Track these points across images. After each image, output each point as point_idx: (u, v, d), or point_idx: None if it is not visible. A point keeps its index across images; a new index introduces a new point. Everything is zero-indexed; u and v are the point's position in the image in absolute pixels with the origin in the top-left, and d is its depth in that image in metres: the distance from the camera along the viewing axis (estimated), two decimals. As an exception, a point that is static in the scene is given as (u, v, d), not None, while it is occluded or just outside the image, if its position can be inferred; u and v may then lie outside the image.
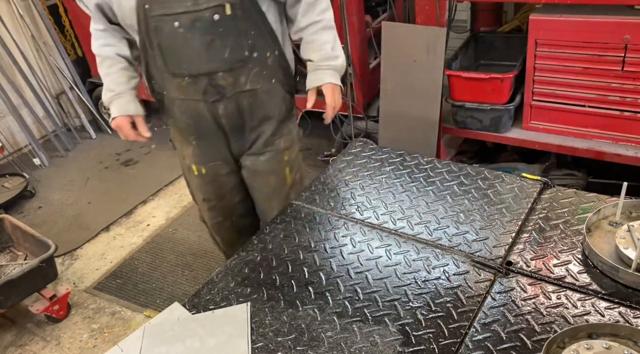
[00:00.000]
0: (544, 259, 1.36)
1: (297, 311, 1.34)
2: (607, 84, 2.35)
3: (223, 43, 1.68)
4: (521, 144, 2.70)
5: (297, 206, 1.73)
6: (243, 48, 1.71)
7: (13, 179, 3.86)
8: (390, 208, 1.64)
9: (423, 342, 1.20)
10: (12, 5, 4.08)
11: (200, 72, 1.74)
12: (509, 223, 1.50)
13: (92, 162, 4.18)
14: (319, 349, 1.23)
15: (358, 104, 3.39)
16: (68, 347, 2.60)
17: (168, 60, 1.74)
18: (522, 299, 1.26)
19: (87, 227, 3.45)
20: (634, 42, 2.19)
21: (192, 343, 1.30)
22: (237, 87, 1.79)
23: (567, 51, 2.36)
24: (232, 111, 1.85)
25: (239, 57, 1.73)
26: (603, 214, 1.43)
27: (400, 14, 3.41)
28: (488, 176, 1.71)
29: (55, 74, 4.46)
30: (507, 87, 2.58)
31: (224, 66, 1.73)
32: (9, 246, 2.97)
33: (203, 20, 1.63)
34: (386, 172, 1.81)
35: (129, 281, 2.95)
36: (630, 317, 1.17)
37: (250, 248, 1.58)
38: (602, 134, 2.50)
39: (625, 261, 1.28)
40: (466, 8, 3.34)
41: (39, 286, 2.63)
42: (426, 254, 1.44)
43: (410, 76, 2.74)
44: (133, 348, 1.33)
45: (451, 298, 1.30)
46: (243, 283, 1.46)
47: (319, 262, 1.48)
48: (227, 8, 1.62)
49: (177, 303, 1.43)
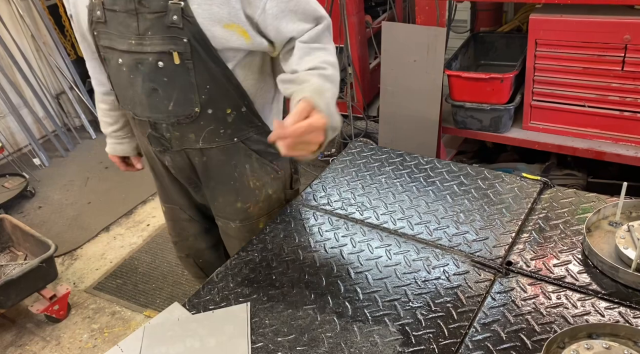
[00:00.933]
0: (544, 259, 1.36)
1: (297, 311, 1.34)
2: (607, 84, 2.35)
3: (167, 94, 1.42)
4: (521, 144, 2.70)
5: (297, 206, 1.73)
6: (193, 103, 1.43)
7: (13, 179, 3.86)
8: (390, 208, 1.64)
9: (423, 342, 1.20)
10: (12, 5, 4.08)
11: (142, 117, 1.52)
12: (509, 223, 1.50)
13: (92, 162, 4.18)
14: (319, 349, 1.23)
15: (358, 104, 3.39)
16: (68, 347, 2.60)
17: (117, 95, 1.57)
18: (522, 299, 1.26)
19: (87, 227, 3.45)
20: (634, 42, 2.19)
21: (192, 343, 1.30)
22: (185, 143, 1.54)
23: (567, 51, 2.36)
24: (181, 166, 1.63)
25: (187, 113, 1.45)
26: (603, 214, 1.43)
27: (400, 14, 3.41)
28: (488, 176, 1.71)
29: (55, 74, 4.47)
30: (507, 87, 2.58)
31: (167, 119, 1.48)
32: (9, 246, 2.98)
33: (145, 65, 1.38)
34: (386, 172, 1.81)
35: (129, 281, 2.95)
36: (630, 317, 1.17)
37: (250, 248, 1.58)
38: (602, 134, 2.50)
39: (625, 261, 1.28)
40: (466, 8, 3.33)
41: (39, 286, 2.63)
42: (426, 254, 1.44)
43: (410, 76, 2.74)
44: (133, 348, 1.33)
45: (451, 298, 1.30)
46: (243, 283, 1.46)
47: (319, 262, 1.48)
48: (175, 56, 1.34)
49: (177, 303, 1.43)
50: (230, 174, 1.62)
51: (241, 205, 1.69)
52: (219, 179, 1.64)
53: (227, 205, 1.71)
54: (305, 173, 3.59)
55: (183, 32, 1.32)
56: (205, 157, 1.58)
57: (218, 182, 1.65)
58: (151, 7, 1.32)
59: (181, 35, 1.32)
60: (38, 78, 4.28)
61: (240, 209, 1.70)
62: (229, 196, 1.68)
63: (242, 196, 1.68)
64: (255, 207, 1.71)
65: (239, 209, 1.70)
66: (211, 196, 1.72)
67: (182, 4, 1.30)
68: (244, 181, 1.65)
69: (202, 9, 1.31)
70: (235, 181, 1.64)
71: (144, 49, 1.36)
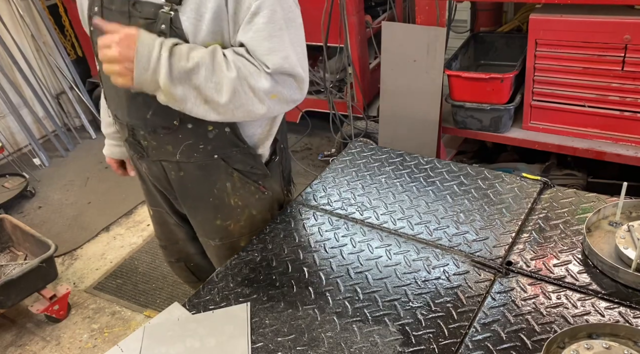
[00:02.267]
0: (544, 259, 1.36)
1: (297, 311, 1.34)
2: (607, 84, 2.35)
3: (146, 102, 1.39)
4: (521, 144, 2.70)
5: (297, 206, 1.73)
6: (172, 115, 1.39)
7: (13, 179, 3.86)
8: (391, 208, 1.64)
9: (423, 342, 1.20)
10: (12, 5, 4.08)
11: (122, 121, 1.51)
12: (509, 223, 1.50)
13: (92, 162, 4.18)
14: (319, 349, 1.23)
15: (358, 104, 3.39)
16: (68, 347, 2.60)
17: (104, 93, 1.54)
18: (522, 299, 1.26)
19: (87, 227, 3.45)
20: (634, 42, 2.18)
21: (192, 343, 1.30)
22: (162, 154, 1.50)
23: (567, 51, 2.36)
24: (158, 176, 1.59)
25: (165, 124, 1.43)
26: (603, 214, 1.43)
27: (400, 14, 3.41)
28: (488, 176, 1.71)
29: (55, 74, 4.47)
30: (507, 87, 2.58)
31: (144, 127, 1.46)
32: (9, 246, 2.98)
33: None
34: (386, 172, 1.81)
35: (129, 281, 2.95)
36: (630, 317, 1.17)
37: (250, 248, 1.58)
38: (602, 134, 2.50)
39: (625, 261, 1.28)
40: (466, 8, 3.34)
41: (39, 286, 2.63)
42: (426, 254, 1.44)
43: (410, 76, 2.74)
44: (133, 348, 1.33)
45: (451, 298, 1.30)
46: (243, 283, 1.46)
47: (319, 263, 1.48)
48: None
49: (177, 303, 1.43)
50: (209, 190, 1.56)
51: (221, 222, 1.63)
52: (197, 197, 1.58)
53: (206, 223, 1.65)
54: (305, 173, 3.59)
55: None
56: (182, 173, 1.54)
57: (195, 199, 1.60)
58: (143, 12, 1.32)
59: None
60: (38, 78, 4.28)
61: (220, 227, 1.64)
62: (208, 213, 1.62)
63: (222, 214, 1.61)
64: (236, 226, 1.64)
65: (219, 227, 1.64)
66: (189, 213, 1.68)
67: (172, 15, 1.29)
68: (223, 198, 1.58)
69: (189, 23, 1.29)
70: (215, 198, 1.57)
71: None
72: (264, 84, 1.29)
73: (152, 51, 1.23)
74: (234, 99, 1.28)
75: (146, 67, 1.23)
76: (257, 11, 1.25)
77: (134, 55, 1.21)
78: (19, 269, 2.54)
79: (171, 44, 1.26)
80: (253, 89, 1.29)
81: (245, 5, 1.26)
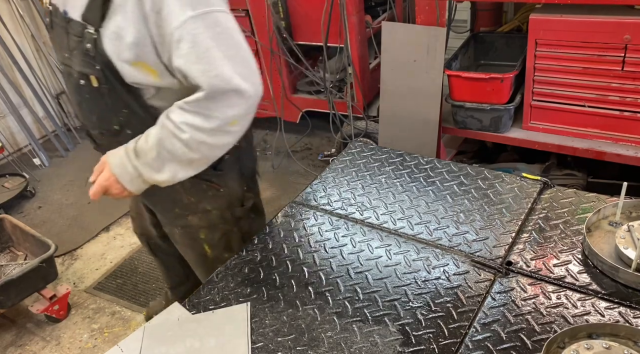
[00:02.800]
0: (544, 259, 1.36)
1: (297, 311, 1.34)
2: (607, 84, 2.35)
3: (90, 108, 1.51)
4: (521, 144, 2.69)
5: (297, 206, 1.73)
6: (111, 122, 1.50)
7: (13, 179, 3.86)
8: (391, 208, 1.64)
9: (423, 342, 1.20)
10: (12, 5, 4.08)
11: (82, 121, 1.66)
12: (509, 223, 1.50)
13: (92, 162, 4.12)
14: (319, 349, 1.23)
15: (358, 104, 3.39)
16: (68, 347, 2.60)
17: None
18: (522, 299, 1.26)
19: (87, 227, 3.45)
20: (634, 42, 2.18)
21: (192, 343, 1.30)
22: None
23: (567, 51, 2.36)
24: None
25: (108, 128, 1.53)
26: (603, 214, 1.43)
27: (400, 14, 3.41)
28: (488, 176, 1.71)
29: (55, 74, 4.46)
30: (507, 87, 2.58)
31: (94, 129, 1.58)
32: (9, 246, 2.97)
33: (72, 79, 1.46)
34: (386, 172, 1.81)
35: (129, 281, 2.95)
36: (630, 317, 1.17)
37: (250, 248, 1.58)
38: (602, 134, 2.49)
39: (625, 261, 1.28)
40: (466, 8, 3.33)
41: (39, 286, 2.63)
42: (426, 254, 1.44)
43: (410, 76, 2.74)
44: (133, 348, 1.33)
45: (451, 298, 1.30)
46: (243, 283, 1.46)
47: (319, 263, 1.48)
48: (93, 80, 1.40)
49: (177, 303, 1.44)
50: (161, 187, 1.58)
51: (180, 211, 1.69)
52: (152, 192, 1.59)
53: (166, 211, 1.73)
54: (305, 173, 3.60)
55: (96, 61, 1.36)
56: None
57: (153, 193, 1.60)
58: (74, 30, 1.38)
59: (95, 63, 1.37)
60: (38, 78, 4.28)
61: (179, 215, 1.71)
62: (166, 203, 1.70)
63: (179, 205, 1.68)
64: (194, 218, 1.70)
65: (178, 215, 1.71)
66: (149, 202, 1.77)
67: (96, 36, 1.34)
68: (178, 194, 1.64)
69: (111, 44, 1.34)
70: (170, 193, 1.61)
71: (72, 65, 1.43)
72: (212, 124, 1.34)
73: (125, 166, 1.42)
74: (206, 148, 1.38)
75: (131, 178, 1.43)
76: (180, 38, 1.28)
77: (117, 179, 1.44)
78: (19, 269, 2.54)
79: (132, 147, 1.42)
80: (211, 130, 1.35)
81: (167, 33, 1.29)
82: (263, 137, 4.11)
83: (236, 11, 3.40)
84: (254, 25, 3.42)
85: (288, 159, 3.77)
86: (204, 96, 1.31)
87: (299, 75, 3.68)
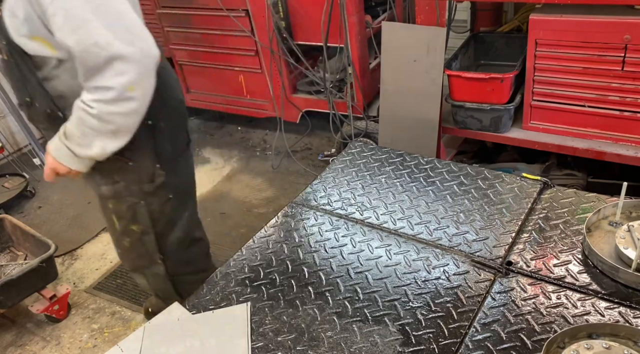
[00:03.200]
0: (544, 259, 1.36)
1: (297, 311, 1.34)
2: (607, 84, 2.35)
3: (10, 81, 1.68)
4: (521, 144, 2.69)
5: (297, 206, 1.73)
6: (23, 94, 1.66)
7: (13, 179, 3.86)
8: (391, 208, 1.64)
9: (423, 342, 1.20)
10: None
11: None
12: (509, 223, 1.50)
13: (92, 162, 4.17)
14: (319, 349, 1.23)
15: (358, 104, 3.39)
16: (68, 347, 2.60)
17: None
18: (522, 299, 1.26)
19: (87, 227, 3.45)
20: (634, 42, 2.18)
21: (192, 343, 1.30)
22: (37, 122, 1.78)
23: (567, 51, 2.36)
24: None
25: (23, 99, 1.68)
26: (603, 214, 1.43)
27: (400, 14, 3.41)
28: (488, 176, 1.71)
29: (55, 74, 4.46)
30: (507, 87, 2.58)
31: (18, 101, 1.74)
32: (9, 246, 2.97)
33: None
34: (386, 172, 1.81)
35: (129, 281, 2.95)
36: (630, 317, 1.17)
37: (250, 248, 1.58)
38: (602, 134, 2.49)
39: (625, 261, 1.28)
40: (466, 8, 3.33)
41: (39, 286, 2.63)
42: (426, 254, 1.44)
43: (410, 76, 2.74)
44: (133, 348, 1.33)
45: (451, 298, 1.30)
46: (243, 282, 1.46)
47: (319, 263, 1.48)
48: (4, 53, 1.57)
49: (177, 303, 1.44)
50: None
51: (98, 180, 1.83)
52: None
53: (89, 180, 1.86)
54: (306, 173, 3.60)
55: (2, 36, 1.50)
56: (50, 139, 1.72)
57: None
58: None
59: (1, 38, 1.51)
60: (38, 78, 4.28)
61: (97, 184, 1.84)
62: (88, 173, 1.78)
63: (96, 176, 1.81)
64: (105, 187, 1.83)
65: (96, 184, 1.84)
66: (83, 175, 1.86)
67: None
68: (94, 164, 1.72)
69: (10, 21, 1.47)
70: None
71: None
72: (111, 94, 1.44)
73: (60, 148, 1.60)
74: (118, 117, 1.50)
75: (68, 158, 1.61)
76: (54, 12, 1.38)
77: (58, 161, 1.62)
78: (19, 269, 2.54)
79: (62, 131, 1.58)
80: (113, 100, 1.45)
81: (44, 9, 1.39)
82: (263, 137, 4.11)
83: (236, 11, 3.40)
84: (254, 25, 3.42)
85: (288, 159, 3.77)
86: (91, 70, 1.41)
87: (299, 75, 3.68)
